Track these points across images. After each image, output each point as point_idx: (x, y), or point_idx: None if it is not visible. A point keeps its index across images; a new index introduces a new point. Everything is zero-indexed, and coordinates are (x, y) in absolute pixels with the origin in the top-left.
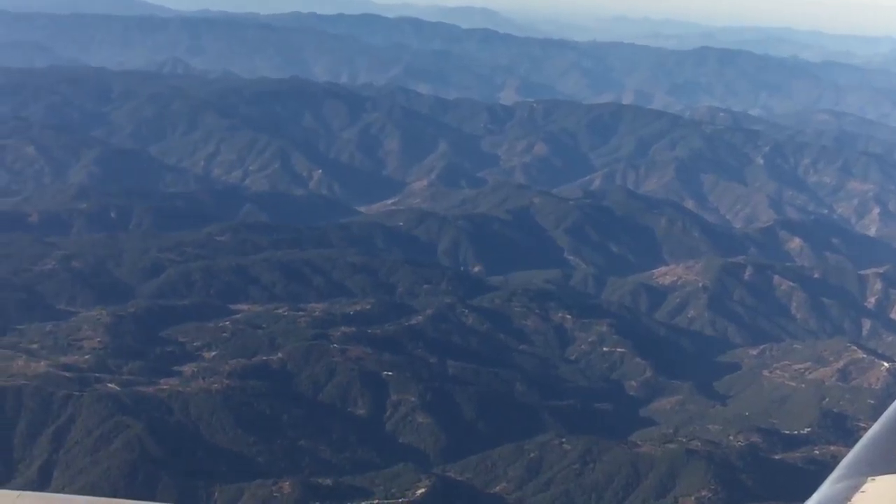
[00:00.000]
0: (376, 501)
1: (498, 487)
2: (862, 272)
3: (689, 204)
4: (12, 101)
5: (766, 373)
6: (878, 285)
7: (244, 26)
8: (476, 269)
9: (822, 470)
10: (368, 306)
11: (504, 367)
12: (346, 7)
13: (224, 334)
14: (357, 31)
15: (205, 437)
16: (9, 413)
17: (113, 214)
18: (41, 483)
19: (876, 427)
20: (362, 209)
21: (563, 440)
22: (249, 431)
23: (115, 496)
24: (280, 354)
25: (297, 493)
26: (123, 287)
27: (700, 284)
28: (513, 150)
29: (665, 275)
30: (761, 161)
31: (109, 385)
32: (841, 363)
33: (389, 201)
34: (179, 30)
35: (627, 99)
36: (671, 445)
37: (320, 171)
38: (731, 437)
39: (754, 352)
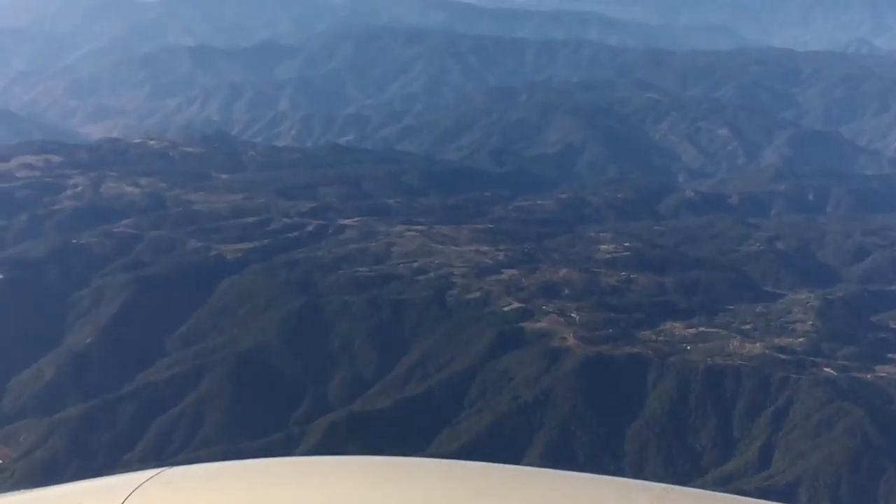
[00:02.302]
0: None
1: None
2: None
3: None
4: (703, 84)
5: None
6: None
7: None
8: None
9: None
10: None
11: None
12: None
13: None
14: None
15: None
16: (728, 392)
17: (810, 196)
18: (761, 465)
19: None
20: None
21: None
22: None
23: (837, 484)
24: None
25: None
26: (828, 270)
27: None
28: None
29: None
30: None
31: (825, 369)
32: None
33: None
34: (862, 9)
35: None
36: None
37: None
38: None
39: None
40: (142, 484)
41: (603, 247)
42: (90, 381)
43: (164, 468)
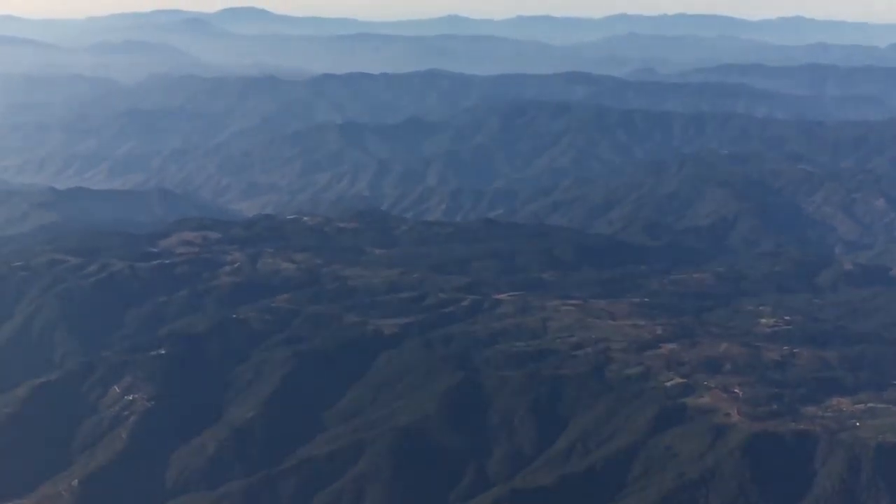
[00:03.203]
0: None
1: None
2: None
3: None
4: (856, 155)
5: None
6: None
7: None
8: None
9: None
10: None
11: None
12: None
13: None
14: None
15: None
16: None
17: None
18: None
19: None
20: None
21: None
22: None
23: None
24: None
25: None
26: None
27: None
28: None
29: None
30: None
31: None
32: None
33: None
34: None
35: None
36: None
37: None
38: None
39: None
40: None
41: (763, 321)
42: (251, 455)
43: None
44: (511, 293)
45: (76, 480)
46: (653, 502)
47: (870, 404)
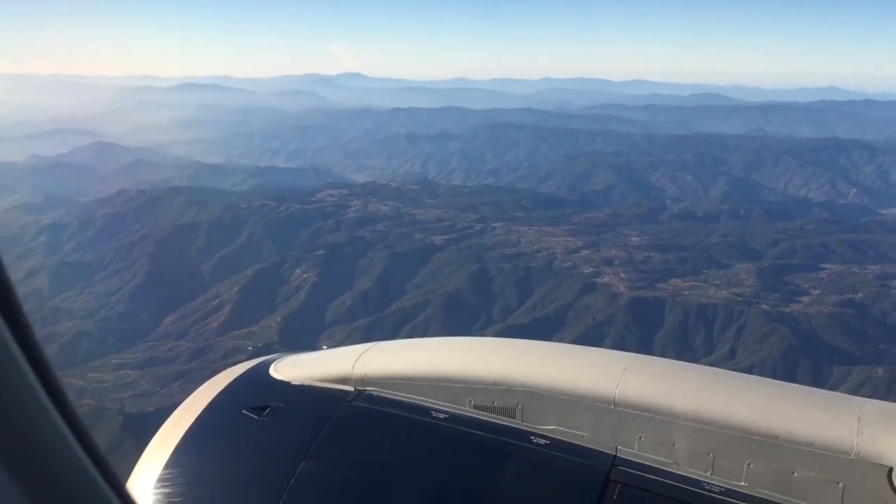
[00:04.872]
0: None
1: None
2: None
3: None
4: None
5: None
6: None
7: None
8: None
9: None
10: None
11: None
12: None
13: None
14: None
15: None
16: None
17: None
18: None
19: None
20: None
21: None
22: None
23: None
24: None
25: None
26: None
27: None
28: None
29: None
30: None
31: None
32: None
33: None
34: None
35: None
36: None
37: None
38: None
39: None
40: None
41: (633, 238)
42: (369, 305)
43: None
44: (501, 223)
45: (279, 317)
46: (579, 333)
47: (692, 283)
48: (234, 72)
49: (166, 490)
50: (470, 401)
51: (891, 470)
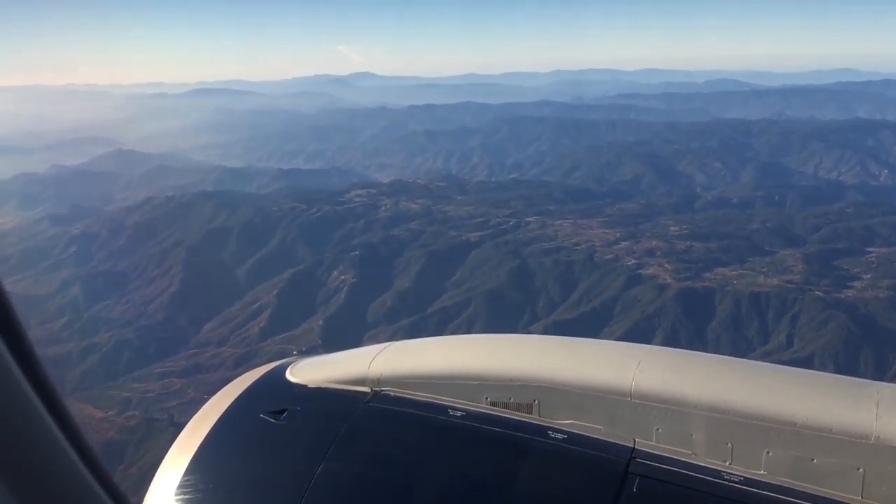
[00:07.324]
0: None
1: None
2: None
3: None
4: None
5: None
6: None
7: None
8: None
9: None
10: None
11: None
12: None
13: None
14: None
15: None
16: None
17: None
18: None
19: None
20: None
21: None
22: None
23: None
24: None
25: None
26: None
27: None
28: None
29: None
30: None
31: None
32: None
33: None
34: None
35: None
36: None
37: None
38: None
39: None
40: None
41: (672, 228)
42: (409, 305)
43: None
44: (534, 217)
45: (320, 320)
46: (629, 326)
47: (739, 271)
48: (246, 75)
49: (187, 496)
50: (486, 398)
51: None
